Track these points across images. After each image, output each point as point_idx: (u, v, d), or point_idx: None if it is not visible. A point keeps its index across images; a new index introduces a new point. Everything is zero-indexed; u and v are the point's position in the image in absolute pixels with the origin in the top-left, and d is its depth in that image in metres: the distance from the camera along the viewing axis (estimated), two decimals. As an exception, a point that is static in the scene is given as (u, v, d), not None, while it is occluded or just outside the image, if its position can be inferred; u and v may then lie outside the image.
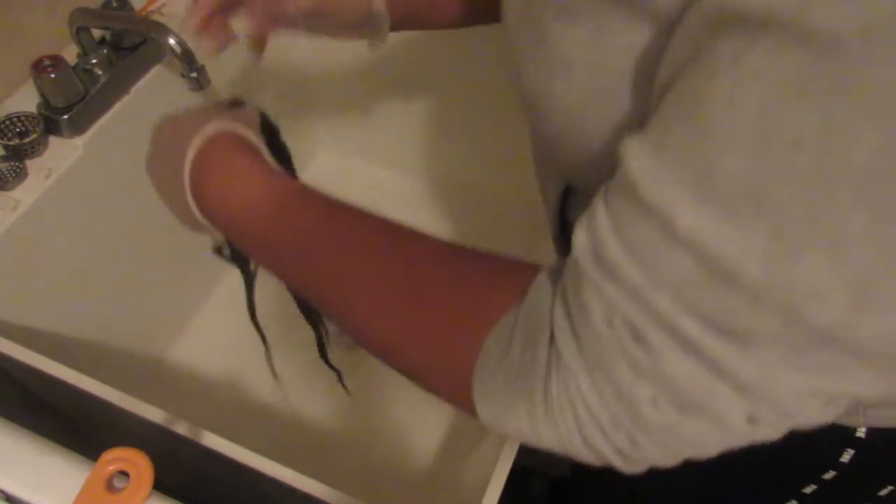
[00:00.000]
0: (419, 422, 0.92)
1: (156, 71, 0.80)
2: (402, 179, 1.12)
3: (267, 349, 0.67)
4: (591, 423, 0.31)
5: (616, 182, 0.29)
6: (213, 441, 0.53)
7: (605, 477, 0.78)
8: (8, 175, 0.69)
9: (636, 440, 0.31)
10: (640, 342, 0.28)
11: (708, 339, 0.27)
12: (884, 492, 0.52)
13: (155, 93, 0.80)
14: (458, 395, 0.36)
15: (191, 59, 0.70)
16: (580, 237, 0.30)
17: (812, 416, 0.28)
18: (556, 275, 0.33)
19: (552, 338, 0.32)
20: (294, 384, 0.95)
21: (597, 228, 0.29)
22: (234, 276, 1.06)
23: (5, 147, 0.70)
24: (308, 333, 1.01)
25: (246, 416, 0.93)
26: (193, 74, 0.71)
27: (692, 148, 0.25)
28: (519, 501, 1.09)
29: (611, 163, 0.30)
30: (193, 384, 0.95)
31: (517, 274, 0.35)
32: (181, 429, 0.54)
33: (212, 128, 0.45)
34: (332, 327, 0.62)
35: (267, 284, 1.07)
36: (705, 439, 0.30)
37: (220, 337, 0.99)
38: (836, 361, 0.26)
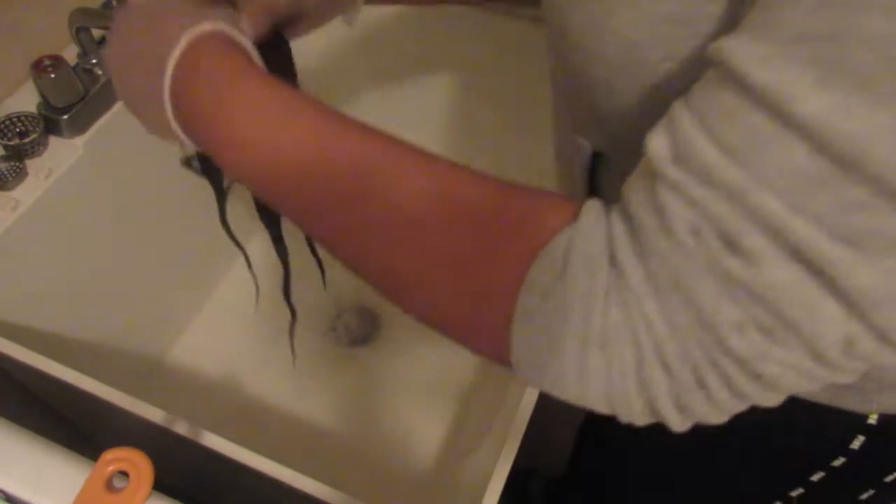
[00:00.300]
0: (419, 422, 0.92)
1: (156, 71, 0.80)
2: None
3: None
4: (654, 356, 0.28)
5: (705, 82, 0.27)
6: (213, 441, 0.53)
7: (604, 475, 0.78)
8: (8, 175, 0.69)
9: (704, 379, 0.28)
10: (735, 250, 0.26)
11: (820, 242, 0.24)
12: (889, 478, 0.51)
13: (155, 93, 0.80)
14: (490, 333, 0.32)
15: (191, 59, 0.70)
16: (658, 144, 0.27)
17: None
18: (607, 204, 0.31)
19: (612, 260, 0.29)
20: (294, 384, 0.95)
21: (681, 132, 0.27)
22: (234, 276, 1.07)
23: (5, 147, 0.70)
24: (308, 334, 1.01)
25: (246, 416, 0.93)
26: (193, 74, 0.71)
27: (812, 24, 0.24)
28: (519, 501, 1.09)
29: (671, 95, 0.28)
30: (193, 384, 0.95)
31: (560, 200, 0.32)
32: (181, 429, 0.54)
33: (205, 27, 0.39)
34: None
35: (268, 286, 1.07)
36: (786, 376, 0.27)
37: (220, 337, 0.99)
38: None
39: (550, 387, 0.31)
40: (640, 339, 0.28)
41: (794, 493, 0.54)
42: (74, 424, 0.82)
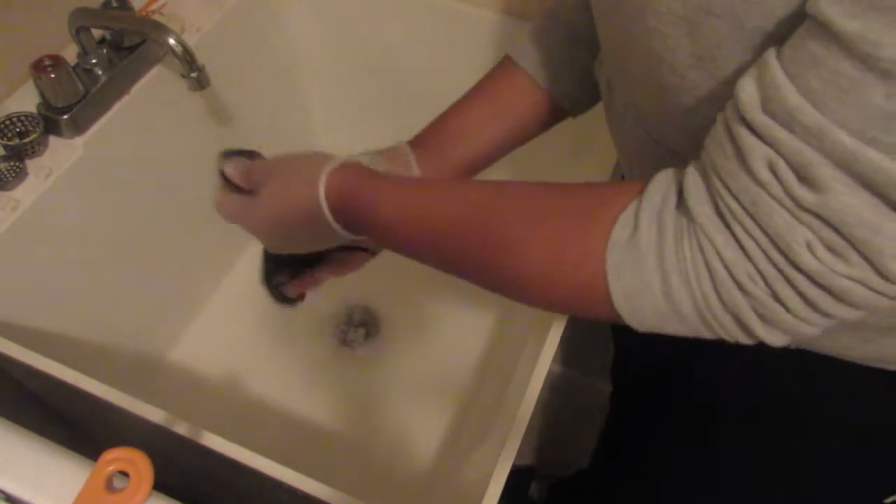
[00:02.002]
0: (419, 422, 0.92)
1: (156, 71, 0.80)
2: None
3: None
4: (728, 279, 0.33)
5: (797, 35, 0.30)
6: (213, 441, 0.53)
7: (607, 476, 0.78)
8: (8, 175, 0.69)
9: (778, 293, 0.32)
10: (807, 181, 0.30)
11: (891, 164, 0.28)
12: None
13: (155, 93, 0.80)
14: (586, 286, 0.38)
15: (191, 60, 0.70)
16: (747, 90, 0.31)
17: None
18: (673, 170, 0.36)
19: (679, 207, 0.35)
20: (294, 384, 0.95)
21: (770, 78, 0.30)
22: (234, 276, 1.07)
23: (5, 147, 0.70)
24: (308, 334, 1.01)
25: (246, 416, 0.93)
26: (193, 74, 0.71)
27: None
28: (519, 501, 1.09)
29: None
30: (193, 384, 0.95)
31: (631, 183, 0.38)
32: (181, 429, 0.54)
33: (335, 162, 0.51)
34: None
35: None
36: (854, 290, 0.31)
37: (220, 337, 0.99)
38: None
39: (654, 326, 0.37)
40: (714, 266, 0.33)
41: (889, 500, 0.54)
42: (74, 424, 0.82)
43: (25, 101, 0.73)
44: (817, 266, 0.31)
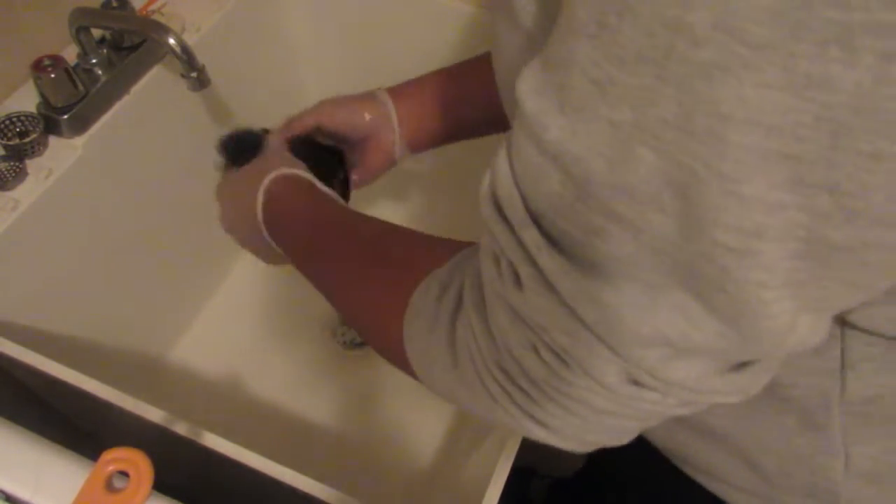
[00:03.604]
0: (419, 422, 0.92)
1: (156, 71, 0.80)
2: (403, 175, 1.13)
3: None
4: (482, 366, 0.31)
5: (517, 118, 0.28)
6: (213, 441, 0.53)
7: (613, 478, 0.78)
8: (8, 175, 0.69)
9: (529, 393, 0.30)
10: (517, 283, 0.28)
11: (567, 274, 0.26)
12: None
13: (155, 93, 0.80)
14: (394, 345, 0.38)
15: (191, 59, 0.70)
16: (483, 182, 0.30)
17: (696, 382, 0.27)
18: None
19: (458, 285, 0.34)
20: (294, 384, 0.95)
21: (496, 166, 0.28)
22: (234, 276, 1.07)
23: (5, 147, 0.70)
24: (308, 333, 1.01)
25: (246, 416, 0.93)
26: (193, 74, 0.71)
27: (556, 51, 0.25)
28: (519, 501, 1.09)
29: None
30: (193, 384, 0.95)
31: (452, 244, 0.39)
32: (181, 429, 0.54)
33: (280, 171, 0.56)
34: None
35: (268, 289, 1.08)
36: (590, 397, 0.28)
37: (220, 337, 0.99)
38: (684, 304, 0.25)
39: (441, 392, 0.37)
40: (472, 349, 0.32)
41: None
42: (74, 424, 0.82)
43: (25, 100, 0.73)
44: (542, 371, 0.28)
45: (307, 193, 0.55)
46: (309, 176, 0.57)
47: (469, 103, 0.64)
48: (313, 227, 0.51)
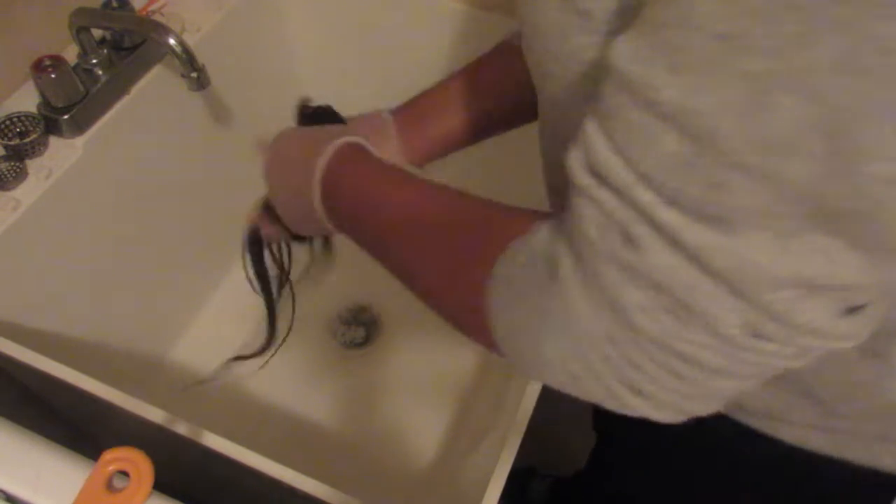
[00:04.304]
0: (419, 422, 0.92)
1: (156, 71, 0.80)
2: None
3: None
4: (587, 343, 0.30)
5: (602, 89, 0.28)
6: (213, 441, 0.53)
7: (614, 477, 0.78)
8: (8, 175, 0.69)
9: (634, 358, 0.30)
10: (630, 243, 0.28)
11: (689, 227, 0.26)
12: None
13: (155, 93, 0.80)
14: (471, 314, 0.37)
15: (191, 60, 0.70)
16: (573, 155, 0.30)
17: (822, 323, 0.27)
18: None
19: (553, 257, 0.32)
20: (294, 384, 0.95)
21: (587, 138, 0.29)
22: (234, 276, 1.07)
23: (5, 147, 0.70)
24: (308, 333, 1.01)
25: (246, 416, 0.93)
26: (193, 74, 0.71)
27: (663, 13, 0.25)
28: (519, 501, 1.09)
29: None
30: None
31: (529, 212, 0.37)
32: (181, 429, 0.54)
33: (345, 139, 0.52)
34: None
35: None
36: (704, 355, 0.28)
37: (220, 337, 0.99)
38: (824, 244, 0.25)
39: (532, 374, 0.35)
40: (572, 327, 0.31)
41: None
42: (74, 424, 0.82)
43: (26, 101, 0.73)
44: (659, 330, 0.28)
45: (374, 161, 0.52)
46: (371, 147, 0.53)
47: (466, 110, 0.64)
48: (380, 192, 0.48)
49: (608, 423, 0.72)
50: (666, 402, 0.31)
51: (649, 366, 0.30)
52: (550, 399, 0.64)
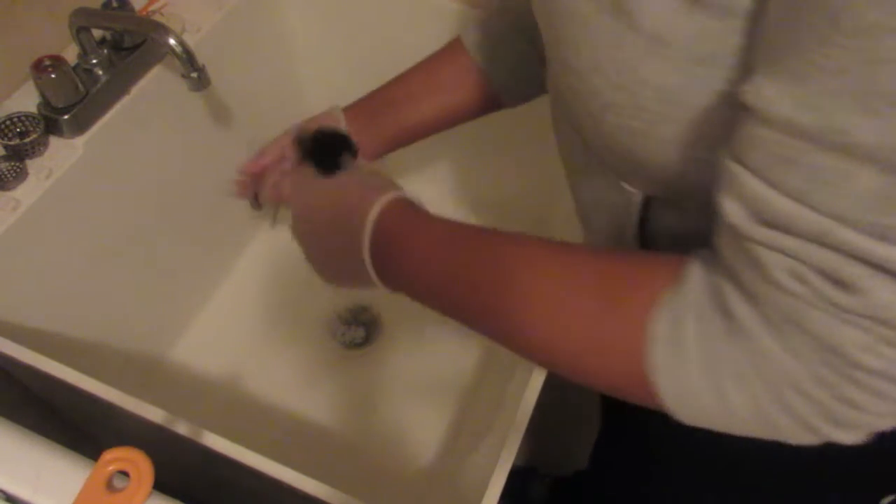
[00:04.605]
0: (419, 422, 0.92)
1: (156, 71, 0.80)
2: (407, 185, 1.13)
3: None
4: (785, 383, 0.31)
5: (748, 133, 0.29)
6: (213, 441, 0.53)
7: (614, 476, 0.78)
8: (8, 175, 0.69)
9: (844, 394, 0.30)
10: (842, 286, 0.28)
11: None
12: None
13: (155, 93, 0.80)
14: (628, 377, 0.36)
15: (191, 60, 0.70)
16: (731, 210, 0.30)
17: None
18: (707, 256, 0.34)
19: (722, 309, 0.32)
20: (294, 384, 0.95)
21: (748, 191, 0.29)
22: (234, 276, 1.07)
23: (6, 147, 0.70)
24: (308, 333, 1.01)
25: (246, 416, 0.93)
26: (194, 74, 0.71)
27: (838, 56, 0.25)
28: (519, 501, 1.09)
29: (715, 131, 0.31)
30: (193, 384, 0.95)
31: (665, 262, 0.36)
32: (181, 429, 0.54)
33: (392, 195, 0.49)
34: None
35: (267, 287, 1.07)
36: None
37: (220, 337, 0.99)
38: None
39: (707, 424, 0.35)
40: (765, 372, 0.31)
41: (887, 500, 0.53)
42: (74, 424, 0.82)
43: (26, 101, 0.73)
44: (883, 364, 0.29)
45: (435, 219, 0.48)
46: (418, 199, 0.51)
47: (416, 102, 0.64)
48: (461, 252, 0.44)
49: (621, 419, 0.72)
50: (864, 426, 0.32)
51: (862, 397, 0.30)
52: (550, 399, 0.64)
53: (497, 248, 0.42)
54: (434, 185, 1.10)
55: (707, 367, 0.32)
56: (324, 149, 0.55)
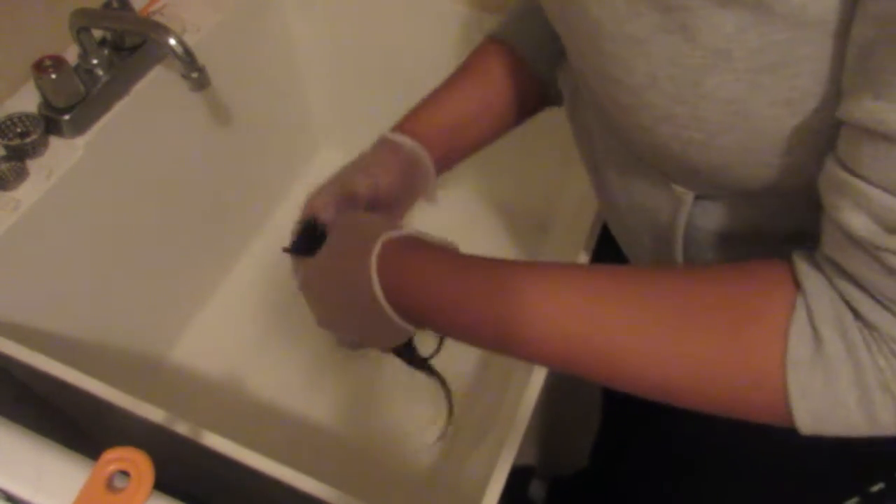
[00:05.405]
0: (419, 422, 0.92)
1: (156, 71, 0.80)
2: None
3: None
4: None
5: (868, 150, 0.29)
6: (213, 441, 0.53)
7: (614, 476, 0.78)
8: (9, 175, 0.69)
9: None
10: None
11: None
12: None
13: (155, 93, 0.80)
14: (767, 405, 0.35)
15: (191, 60, 0.70)
16: (860, 224, 0.30)
17: None
18: (815, 262, 0.34)
19: (856, 317, 0.32)
20: (294, 384, 0.95)
21: (876, 205, 0.30)
22: (235, 276, 1.07)
23: (6, 147, 0.70)
24: (308, 333, 1.01)
25: (246, 416, 0.93)
26: (194, 75, 0.71)
27: None
28: (519, 501, 1.09)
29: (791, 142, 0.32)
30: (193, 384, 0.95)
31: (766, 280, 0.35)
32: (181, 429, 0.54)
33: (392, 235, 0.46)
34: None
35: (268, 289, 1.07)
36: None
37: (221, 337, 0.99)
38: None
39: (840, 432, 0.34)
40: None
41: (874, 489, 0.53)
42: (75, 424, 0.82)
43: (26, 101, 0.73)
44: None
45: (451, 254, 0.46)
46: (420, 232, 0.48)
47: (477, 121, 0.62)
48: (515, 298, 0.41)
49: (621, 419, 0.71)
50: None
51: None
52: (550, 399, 0.64)
53: (563, 290, 0.39)
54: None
55: (857, 381, 0.32)
56: (309, 238, 0.53)
